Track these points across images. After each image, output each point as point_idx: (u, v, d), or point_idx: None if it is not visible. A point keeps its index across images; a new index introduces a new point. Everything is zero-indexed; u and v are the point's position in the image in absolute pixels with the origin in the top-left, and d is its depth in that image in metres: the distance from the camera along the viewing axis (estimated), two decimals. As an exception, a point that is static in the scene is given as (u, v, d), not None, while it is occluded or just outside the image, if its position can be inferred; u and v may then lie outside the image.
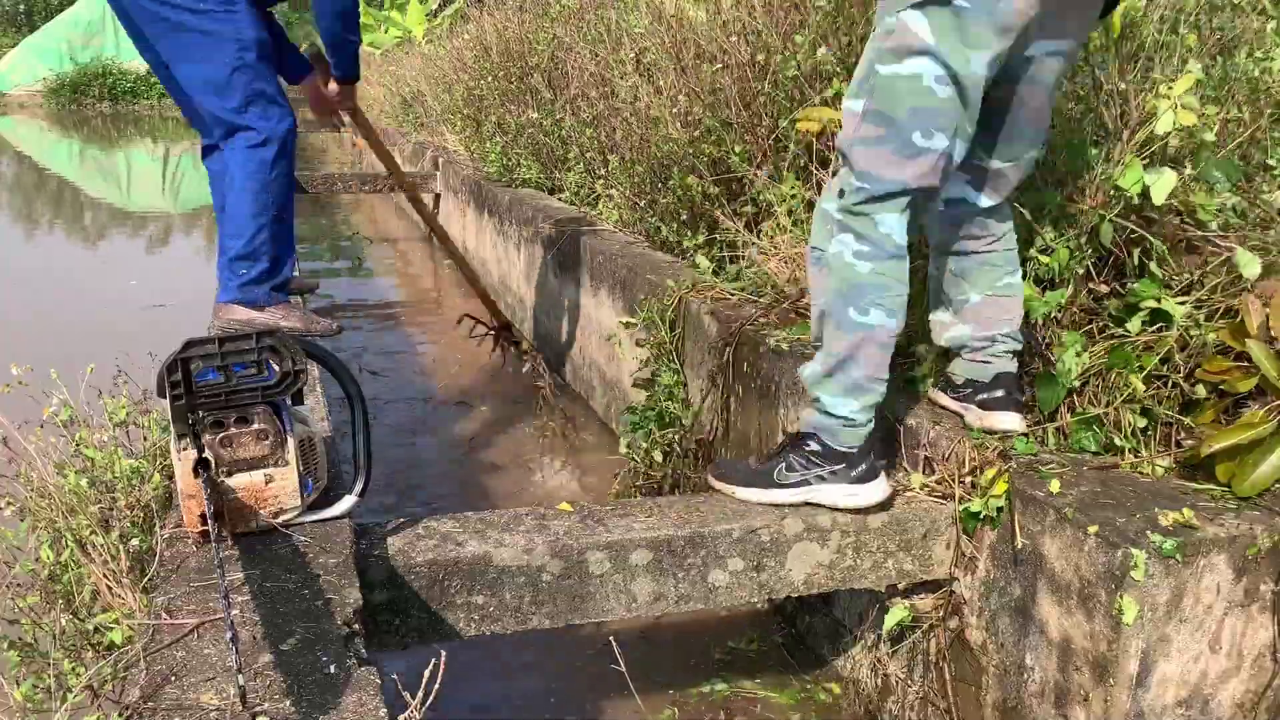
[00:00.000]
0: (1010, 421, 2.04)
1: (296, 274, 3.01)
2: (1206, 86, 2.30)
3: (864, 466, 1.99)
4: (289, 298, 2.84)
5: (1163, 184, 1.96)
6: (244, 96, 2.58)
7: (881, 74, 1.81)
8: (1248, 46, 2.46)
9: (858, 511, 2.01)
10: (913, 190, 1.85)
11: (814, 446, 2.00)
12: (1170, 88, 2.00)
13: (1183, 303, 2.01)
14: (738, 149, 3.27)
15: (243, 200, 2.63)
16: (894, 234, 1.88)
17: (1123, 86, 2.24)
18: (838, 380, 1.96)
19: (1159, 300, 2.01)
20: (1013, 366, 2.11)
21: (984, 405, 2.08)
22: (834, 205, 1.92)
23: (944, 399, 2.20)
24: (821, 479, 2.00)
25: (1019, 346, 2.11)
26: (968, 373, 2.13)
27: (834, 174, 2.00)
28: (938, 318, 2.20)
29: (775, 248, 3.01)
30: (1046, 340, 2.16)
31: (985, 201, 2.04)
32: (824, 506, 2.02)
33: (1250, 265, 1.91)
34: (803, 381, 2.04)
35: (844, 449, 1.99)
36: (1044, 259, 2.13)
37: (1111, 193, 2.06)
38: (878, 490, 2.00)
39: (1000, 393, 2.07)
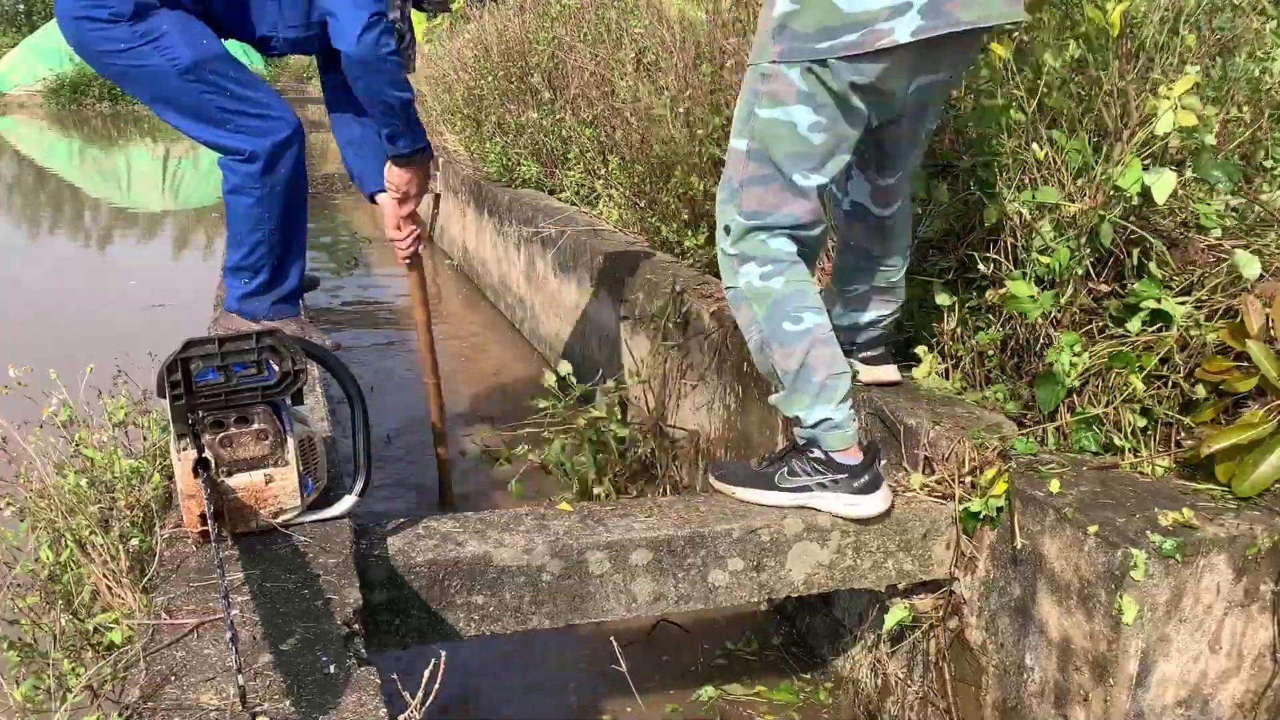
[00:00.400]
0: (893, 374, 2.32)
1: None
2: (1206, 87, 2.30)
3: (866, 478, 2.00)
4: (296, 309, 2.67)
5: (1163, 184, 1.97)
6: (213, 120, 2.41)
7: (761, 116, 1.92)
8: (1248, 47, 2.46)
9: (857, 521, 2.01)
10: (804, 224, 1.99)
11: (817, 454, 2.02)
12: (1170, 88, 2.00)
13: (1183, 303, 2.01)
14: None
15: (236, 214, 2.51)
16: (783, 246, 2.00)
17: (1122, 85, 2.24)
18: (802, 392, 2.00)
19: (1159, 300, 2.01)
20: (891, 329, 2.36)
21: (868, 361, 2.32)
22: (725, 243, 2.03)
23: None
24: (823, 486, 2.01)
25: (898, 316, 2.36)
26: (849, 337, 2.32)
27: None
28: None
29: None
30: (1044, 340, 2.16)
31: (882, 212, 2.19)
32: (823, 513, 2.02)
33: (1250, 266, 1.92)
34: (778, 409, 2.08)
35: (843, 459, 2.00)
36: (1043, 259, 2.12)
37: (1111, 193, 2.06)
38: (878, 502, 2.00)
39: (881, 349, 2.34)
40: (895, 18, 1.77)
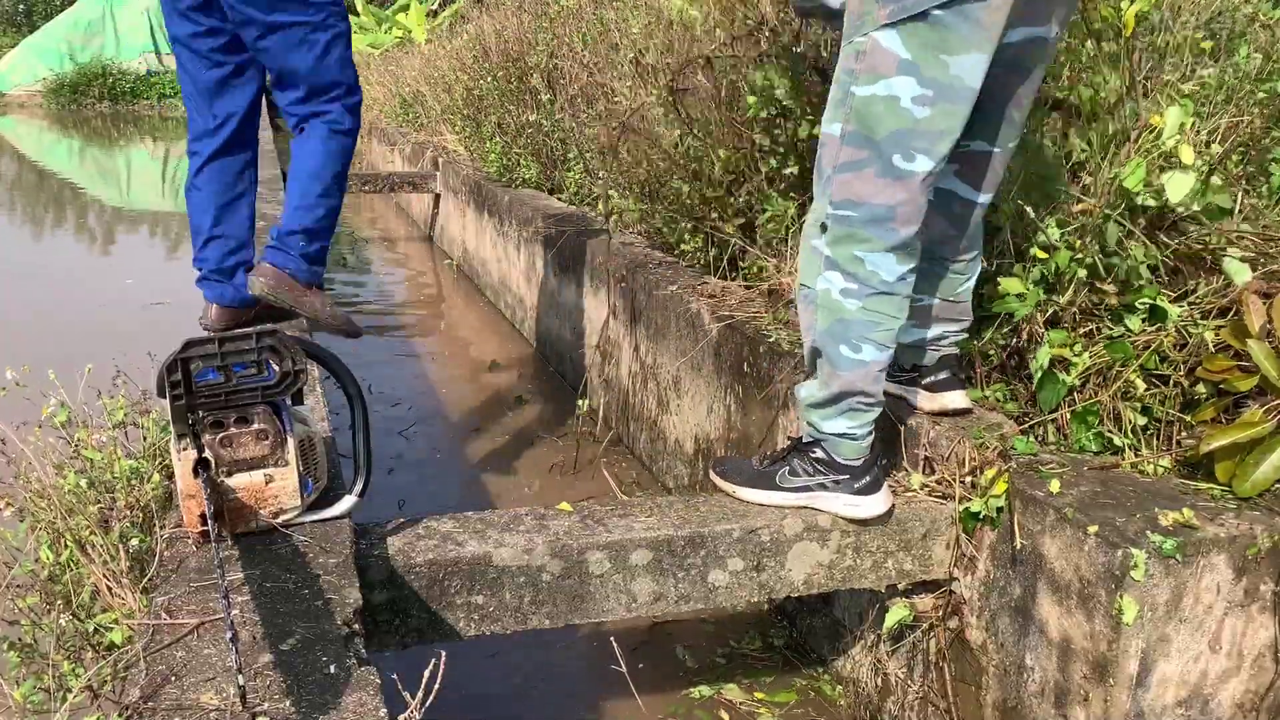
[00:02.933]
0: (960, 400, 2.13)
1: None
2: (1212, 88, 2.29)
3: (868, 479, 1.99)
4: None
5: (1178, 182, 1.95)
6: (330, 80, 2.55)
7: (858, 95, 1.78)
8: (1248, 46, 2.45)
9: (858, 522, 2.01)
10: (898, 216, 1.80)
11: (819, 454, 2.00)
12: (1173, 102, 1.99)
13: (1179, 299, 2.01)
14: (722, 153, 3.23)
15: (317, 181, 2.58)
16: (881, 271, 1.85)
17: (1128, 86, 2.24)
18: (831, 407, 1.96)
19: (1154, 298, 2.01)
20: (956, 350, 2.17)
21: (931, 388, 2.15)
22: (820, 241, 1.89)
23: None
24: (824, 487, 2.00)
25: (965, 336, 2.17)
26: (913, 359, 2.17)
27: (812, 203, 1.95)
28: None
29: (774, 250, 3.01)
30: (1041, 339, 2.16)
31: (974, 196, 2.00)
32: (824, 513, 2.02)
33: (1240, 273, 1.92)
34: (798, 401, 2.04)
35: (847, 462, 1.99)
36: (1042, 254, 2.12)
37: (1116, 194, 2.06)
38: (879, 503, 1.99)
39: (945, 374, 2.14)
40: None
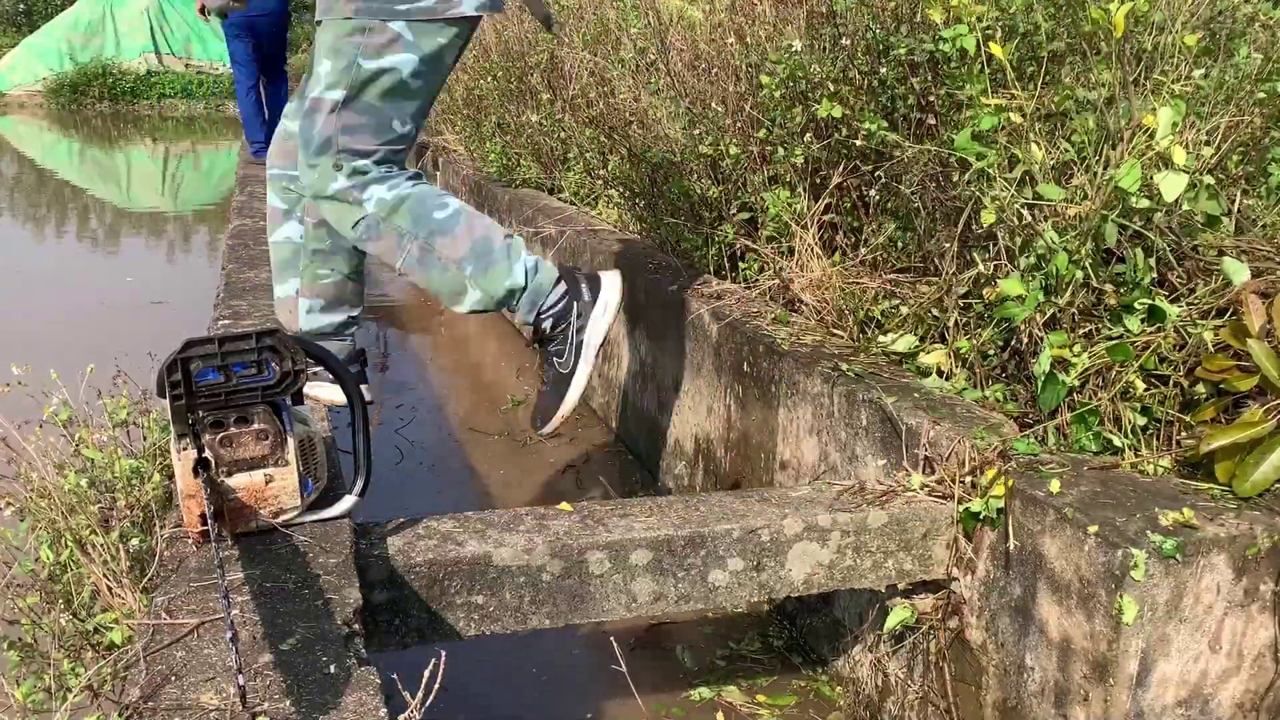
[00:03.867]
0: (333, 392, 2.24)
1: None
2: (1210, 88, 2.29)
3: (590, 276, 2.21)
4: None
5: (1172, 182, 1.96)
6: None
7: (365, 67, 2.03)
8: (1247, 46, 2.45)
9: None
10: (387, 159, 2.11)
11: (554, 306, 2.16)
12: (1174, 90, 1.99)
13: (1175, 301, 2.01)
14: (733, 150, 3.24)
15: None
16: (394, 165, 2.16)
17: (1123, 91, 2.24)
18: (495, 263, 2.16)
19: (1151, 297, 2.01)
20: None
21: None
22: (341, 183, 2.08)
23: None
24: (580, 316, 2.16)
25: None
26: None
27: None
28: (285, 291, 2.44)
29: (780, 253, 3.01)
30: (1040, 339, 2.16)
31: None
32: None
33: (1239, 274, 1.92)
34: (516, 317, 2.20)
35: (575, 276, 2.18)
36: (1039, 252, 2.12)
37: (1112, 194, 2.05)
38: (616, 280, 2.24)
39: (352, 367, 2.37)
40: None
